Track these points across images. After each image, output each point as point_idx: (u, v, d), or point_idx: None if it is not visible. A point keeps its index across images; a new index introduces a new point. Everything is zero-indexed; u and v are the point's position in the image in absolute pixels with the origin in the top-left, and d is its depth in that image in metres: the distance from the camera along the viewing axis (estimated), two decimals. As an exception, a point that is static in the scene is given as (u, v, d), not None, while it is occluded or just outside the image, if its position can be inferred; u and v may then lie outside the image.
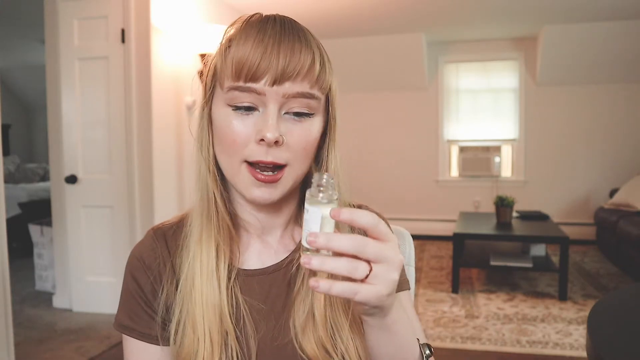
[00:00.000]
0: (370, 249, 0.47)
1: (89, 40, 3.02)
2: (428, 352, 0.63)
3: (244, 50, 0.59)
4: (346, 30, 4.68)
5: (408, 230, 0.95)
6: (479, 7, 4.06)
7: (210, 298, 0.64)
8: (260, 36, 0.60)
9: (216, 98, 0.65)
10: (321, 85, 0.62)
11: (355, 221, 0.47)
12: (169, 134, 3.13)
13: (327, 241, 0.46)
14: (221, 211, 0.67)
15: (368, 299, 0.48)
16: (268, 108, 0.60)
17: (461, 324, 2.93)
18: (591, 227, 4.90)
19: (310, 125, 0.63)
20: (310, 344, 0.65)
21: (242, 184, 0.63)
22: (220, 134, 0.64)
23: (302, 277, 0.68)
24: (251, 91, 0.60)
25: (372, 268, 0.48)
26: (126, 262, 0.72)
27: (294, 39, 0.60)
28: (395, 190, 5.48)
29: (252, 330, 0.67)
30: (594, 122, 5.01)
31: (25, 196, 5.00)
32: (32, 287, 3.68)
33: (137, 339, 0.68)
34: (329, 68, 0.64)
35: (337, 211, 0.47)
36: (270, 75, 0.59)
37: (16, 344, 2.41)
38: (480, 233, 3.63)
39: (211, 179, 0.67)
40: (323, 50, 0.64)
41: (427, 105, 5.42)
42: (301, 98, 0.61)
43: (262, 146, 0.60)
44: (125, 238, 3.06)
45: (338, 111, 0.67)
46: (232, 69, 0.60)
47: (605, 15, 4.18)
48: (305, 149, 0.63)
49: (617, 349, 1.11)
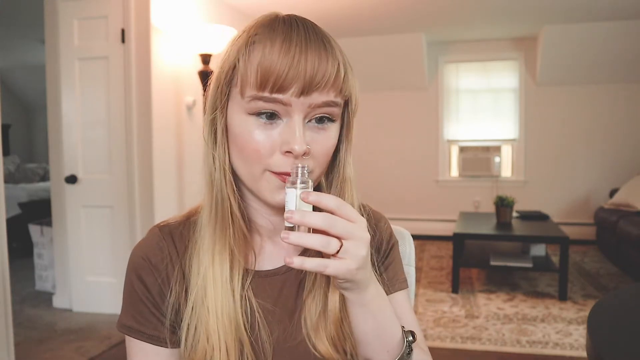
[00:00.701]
0: (339, 225, 0.53)
1: (89, 40, 3.02)
2: (411, 338, 0.64)
3: (270, 60, 0.57)
4: (346, 30, 4.68)
5: (408, 230, 0.96)
6: (479, 7, 4.06)
7: (225, 309, 0.63)
8: (287, 44, 0.57)
9: (233, 104, 0.62)
10: (345, 93, 0.62)
11: (321, 203, 0.53)
12: (169, 134, 3.13)
13: (301, 217, 0.52)
14: (238, 220, 0.65)
15: (338, 272, 0.54)
16: (293, 118, 0.59)
17: (461, 324, 2.93)
18: (591, 227, 4.91)
19: (330, 132, 0.63)
20: (323, 342, 0.65)
21: (266, 190, 0.62)
22: (240, 143, 0.61)
23: (313, 276, 0.68)
24: (277, 102, 0.58)
25: (342, 244, 0.53)
26: (128, 261, 0.70)
27: (319, 46, 0.59)
28: (395, 190, 5.49)
29: (266, 335, 0.67)
30: (594, 122, 5.01)
31: (25, 196, 5.00)
32: (32, 287, 3.68)
33: (143, 341, 0.67)
34: (351, 73, 0.63)
35: (306, 194, 0.53)
36: (297, 86, 0.57)
37: (16, 344, 2.41)
38: (480, 233, 3.63)
39: (229, 189, 0.65)
40: (344, 54, 0.63)
41: (427, 105, 5.42)
42: (326, 107, 0.60)
43: (289, 157, 0.60)
44: (125, 238, 3.06)
45: (358, 113, 0.67)
46: (257, 78, 0.58)
47: (605, 15, 4.18)
48: (327, 155, 0.64)
49: (617, 349, 1.11)
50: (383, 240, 0.76)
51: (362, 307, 0.60)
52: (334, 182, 0.69)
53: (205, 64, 3.03)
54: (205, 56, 3.01)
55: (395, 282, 0.74)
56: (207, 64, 3.03)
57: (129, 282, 0.68)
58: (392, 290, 0.73)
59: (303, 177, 0.56)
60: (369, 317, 0.61)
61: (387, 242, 0.77)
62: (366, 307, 0.60)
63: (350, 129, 0.68)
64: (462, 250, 3.70)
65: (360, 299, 0.59)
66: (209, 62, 3.03)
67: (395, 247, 0.78)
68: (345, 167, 0.68)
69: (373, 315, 0.61)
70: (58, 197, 3.22)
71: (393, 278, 0.75)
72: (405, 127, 5.49)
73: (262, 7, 3.85)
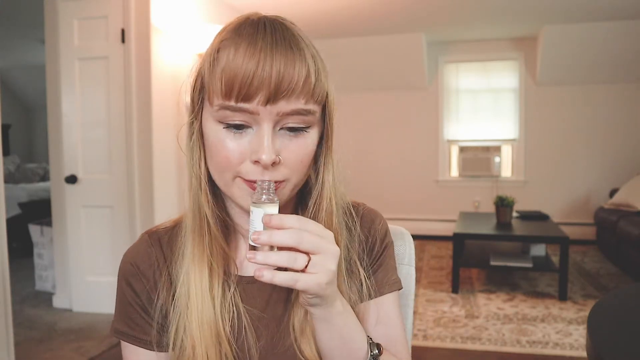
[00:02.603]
0: (307, 241, 0.52)
1: (89, 40, 3.02)
2: (376, 352, 0.63)
3: (234, 66, 0.55)
4: (346, 30, 4.68)
5: (408, 230, 0.95)
6: (479, 7, 4.06)
7: (205, 316, 0.63)
8: (251, 49, 0.55)
9: (206, 112, 0.61)
10: (317, 99, 0.59)
11: (284, 225, 0.52)
12: (169, 134, 3.13)
13: (269, 237, 0.52)
14: (213, 232, 0.64)
15: (308, 286, 0.53)
16: (262, 127, 0.57)
17: (461, 324, 2.93)
18: (591, 227, 4.91)
19: (306, 139, 0.60)
20: (310, 346, 0.65)
21: (238, 196, 0.61)
22: (212, 151, 0.61)
23: None
24: (243, 111, 0.56)
25: (311, 258, 0.53)
26: (119, 267, 0.70)
27: (286, 49, 0.56)
28: (395, 190, 5.49)
29: (253, 340, 0.66)
30: (594, 122, 5.01)
31: (25, 196, 5.00)
32: (32, 287, 3.68)
33: (134, 345, 0.68)
34: (325, 76, 0.60)
35: (268, 219, 0.53)
36: (263, 94, 0.55)
37: (16, 344, 2.41)
38: (480, 233, 3.63)
39: (203, 197, 0.64)
40: (317, 56, 0.60)
41: (427, 105, 5.42)
42: (296, 115, 0.58)
43: (258, 166, 0.58)
44: (125, 238, 3.06)
45: (335, 118, 0.64)
46: (222, 86, 0.56)
47: (605, 15, 4.18)
48: (302, 162, 0.61)
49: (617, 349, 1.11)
50: (377, 240, 0.74)
51: (327, 323, 0.60)
52: (314, 189, 0.67)
53: (205, 64, 3.02)
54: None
55: (384, 284, 0.72)
56: (207, 64, 3.02)
57: (119, 288, 0.70)
58: (378, 294, 0.71)
59: (268, 195, 0.55)
60: (334, 332, 0.60)
61: (381, 242, 0.74)
62: (331, 323, 0.60)
63: (329, 134, 0.64)
64: (462, 250, 3.70)
65: (326, 314, 0.59)
66: (209, 62, 3.03)
67: (389, 247, 0.75)
68: (324, 174, 0.65)
69: (338, 331, 0.60)
70: (58, 197, 3.22)
71: (382, 280, 0.72)
72: (405, 127, 5.49)
73: (263, 7, 3.84)
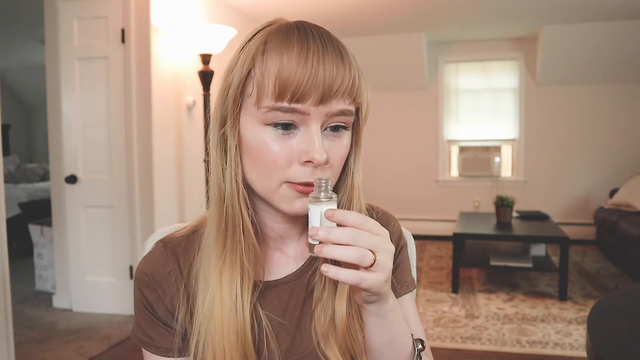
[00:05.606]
0: (365, 240, 0.52)
1: (89, 40, 3.02)
2: (420, 347, 0.65)
3: (289, 69, 0.56)
4: (346, 30, 4.68)
5: (408, 230, 0.95)
6: (479, 7, 4.06)
7: (232, 327, 0.62)
8: (304, 53, 0.57)
9: (246, 114, 0.61)
10: (357, 100, 0.62)
11: (346, 221, 0.52)
12: (169, 134, 3.13)
13: (327, 234, 0.51)
14: (250, 235, 0.64)
15: (371, 285, 0.53)
16: (311, 127, 0.59)
17: (461, 324, 2.93)
18: (591, 227, 4.91)
19: (343, 140, 0.63)
20: (333, 350, 0.65)
21: (282, 201, 0.61)
22: (255, 154, 0.60)
23: (322, 283, 0.67)
24: (295, 111, 0.58)
25: (376, 257, 0.52)
26: (134, 275, 0.70)
27: (335, 53, 0.59)
28: (395, 190, 5.48)
29: (275, 347, 0.66)
30: (594, 122, 5.01)
31: (25, 196, 5.00)
32: (32, 287, 3.68)
33: (152, 352, 0.68)
34: (364, 81, 0.63)
35: (331, 212, 0.53)
36: (315, 96, 0.57)
37: (16, 344, 2.41)
38: (480, 233, 3.63)
39: (242, 203, 0.62)
40: (355, 60, 0.63)
41: (427, 105, 5.42)
42: (341, 115, 0.60)
43: (308, 167, 0.59)
44: (125, 238, 3.06)
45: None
46: (276, 88, 0.57)
47: (605, 15, 4.18)
48: (342, 163, 0.64)
49: (617, 349, 1.11)
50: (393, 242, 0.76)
51: (380, 318, 0.60)
52: (342, 189, 0.68)
53: (205, 64, 3.02)
54: (205, 56, 3.01)
55: (402, 284, 0.74)
56: (207, 64, 3.02)
57: (136, 295, 0.69)
58: (399, 294, 0.73)
59: (326, 192, 0.55)
60: (386, 328, 0.61)
61: (397, 244, 0.75)
62: (384, 319, 0.60)
63: (360, 136, 0.68)
64: (462, 250, 3.70)
65: (381, 310, 0.59)
66: (209, 62, 3.03)
67: (404, 249, 0.77)
68: (354, 174, 0.68)
69: (390, 327, 0.61)
70: (58, 197, 3.22)
71: (400, 281, 0.74)
72: (405, 127, 5.49)
73: (262, 7, 3.85)
